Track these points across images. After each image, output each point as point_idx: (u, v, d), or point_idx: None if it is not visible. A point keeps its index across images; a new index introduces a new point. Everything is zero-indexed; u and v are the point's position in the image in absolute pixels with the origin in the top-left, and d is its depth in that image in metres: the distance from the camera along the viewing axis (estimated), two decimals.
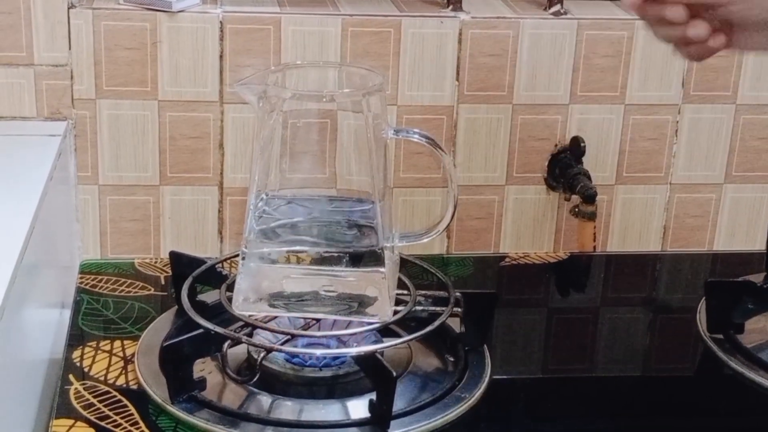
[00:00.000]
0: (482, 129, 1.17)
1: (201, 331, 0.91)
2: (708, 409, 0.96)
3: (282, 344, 0.92)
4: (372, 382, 0.90)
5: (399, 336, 0.97)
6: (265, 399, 0.91)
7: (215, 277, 1.02)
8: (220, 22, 1.10)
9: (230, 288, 0.96)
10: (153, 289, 1.10)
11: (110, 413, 0.89)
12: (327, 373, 0.93)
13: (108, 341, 1.00)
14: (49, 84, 1.10)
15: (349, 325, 0.95)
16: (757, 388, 0.97)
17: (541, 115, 1.18)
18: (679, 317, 1.12)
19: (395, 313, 0.95)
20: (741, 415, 0.96)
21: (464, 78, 1.15)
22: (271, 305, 0.94)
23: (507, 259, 1.21)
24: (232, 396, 0.91)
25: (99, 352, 0.98)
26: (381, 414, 0.88)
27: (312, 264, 0.95)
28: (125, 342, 1.00)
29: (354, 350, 0.92)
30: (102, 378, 0.94)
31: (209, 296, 1.01)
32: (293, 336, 0.93)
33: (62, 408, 0.89)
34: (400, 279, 0.99)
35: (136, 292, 1.09)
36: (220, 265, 1.04)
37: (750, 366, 0.99)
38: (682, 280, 1.22)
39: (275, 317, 0.95)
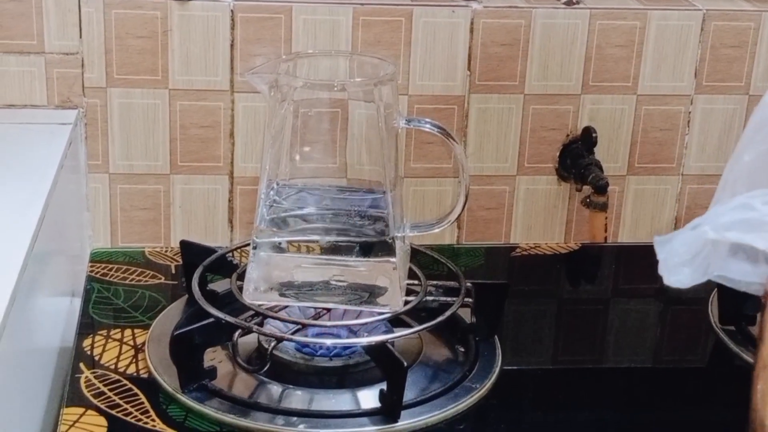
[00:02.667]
0: (493, 119, 1.17)
1: (211, 320, 0.91)
2: (719, 400, 0.96)
3: (292, 334, 0.92)
4: (382, 372, 0.90)
5: (410, 326, 0.96)
6: (275, 388, 0.91)
7: (226, 266, 1.02)
8: (231, 10, 1.10)
9: (241, 277, 0.96)
10: (163, 278, 1.10)
11: (121, 402, 0.89)
12: (337, 362, 0.93)
13: (118, 330, 1.00)
14: (60, 72, 1.10)
15: (359, 314, 0.95)
16: None
17: (552, 105, 1.18)
18: (691, 308, 1.12)
19: (406, 303, 0.95)
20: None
21: (476, 68, 1.15)
22: (282, 295, 0.94)
23: (518, 250, 1.21)
24: (243, 385, 0.91)
25: (109, 340, 0.98)
26: (391, 404, 0.87)
27: (323, 254, 0.95)
28: (136, 331, 1.00)
29: (364, 340, 0.92)
30: (112, 366, 0.94)
31: (220, 285, 1.01)
32: (304, 325, 0.93)
33: (73, 396, 0.89)
34: (410, 269, 0.99)
35: (146, 281, 1.09)
36: (230, 254, 1.04)
37: None
38: None
39: (286, 307, 0.95)
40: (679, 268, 0.76)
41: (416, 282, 0.98)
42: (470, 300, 0.98)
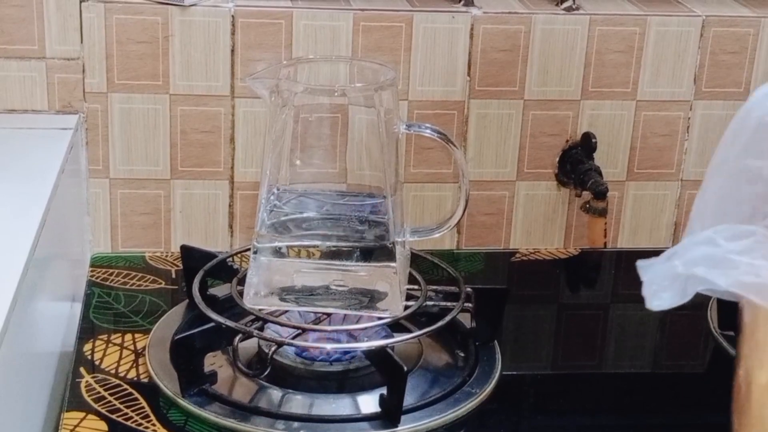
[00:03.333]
0: (493, 124, 1.17)
1: (212, 324, 0.91)
2: (719, 405, 0.96)
3: (293, 338, 0.92)
4: (383, 376, 0.90)
5: (410, 331, 0.97)
6: (275, 393, 0.91)
7: (226, 270, 1.02)
8: (232, 16, 1.10)
9: (241, 282, 0.97)
10: (164, 283, 1.10)
11: (121, 406, 0.89)
12: (337, 367, 0.94)
13: (119, 334, 1.00)
14: (61, 77, 1.10)
15: (359, 319, 0.95)
16: None
17: (552, 111, 1.18)
18: (690, 314, 1.12)
19: (406, 308, 0.95)
20: None
21: (475, 73, 1.15)
22: (282, 299, 0.94)
23: (517, 255, 1.21)
24: (243, 390, 0.91)
25: (110, 345, 0.98)
26: (391, 408, 0.88)
27: (323, 258, 0.95)
28: (136, 335, 1.00)
29: (365, 345, 0.92)
30: (113, 371, 0.94)
31: (220, 290, 1.02)
32: (304, 330, 0.93)
33: (73, 401, 0.90)
34: (410, 274, 0.99)
35: (146, 286, 1.09)
36: (231, 259, 1.04)
37: None
38: None
39: (286, 311, 0.95)
40: (659, 293, 0.80)
41: (416, 287, 0.98)
42: (470, 305, 0.98)
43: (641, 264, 0.82)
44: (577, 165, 1.18)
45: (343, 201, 0.96)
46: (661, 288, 0.79)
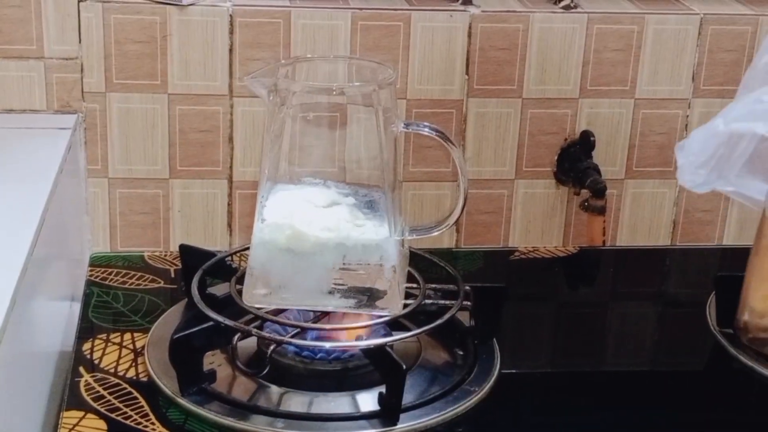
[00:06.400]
0: (492, 123, 1.17)
1: (211, 323, 0.92)
2: (717, 403, 0.96)
3: (292, 337, 0.92)
4: (381, 375, 0.90)
5: (408, 329, 0.97)
6: (274, 391, 0.91)
7: (225, 269, 1.02)
8: (230, 15, 1.11)
9: (240, 281, 0.96)
10: (163, 282, 1.10)
11: (120, 405, 0.89)
12: (336, 365, 0.94)
13: (118, 334, 1.00)
14: (60, 77, 1.10)
15: (358, 318, 0.95)
16: (766, 383, 0.97)
17: (550, 109, 1.18)
18: (689, 312, 1.12)
19: (405, 306, 0.95)
20: (750, 410, 0.96)
21: (474, 72, 1.15)
22: (281, 298, 0.94)
23: (516, 253, 1.21)
24: (242, 388, 0.91)
25: (109, 344, 0.98)
26: (390, 407, 0.88)
27: None
28: (135, 334, 1.00)
29: (363, 343, 0.92)
30: (112, 370, 0.94)
31: (219, 289, 1.01)
32: (303, 329, 0.93)
33: (72, 400, 0.90)
34: (409, 272, 0.99)
35: (145, 285, 1.09)
36: (229, 258, 1.05)
37: (759, 361, 0.99)
38: (692, 274, 1.22)
39: (285, 310, 0.95)
40: (695, 169, 0.78)
41: (415, 285, 0.99)
42: (469, 303, 0.98)
43: (678, 145, 0.80)
44: (575, 163, 1.18)
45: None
46: (699, 164, 0.78)
